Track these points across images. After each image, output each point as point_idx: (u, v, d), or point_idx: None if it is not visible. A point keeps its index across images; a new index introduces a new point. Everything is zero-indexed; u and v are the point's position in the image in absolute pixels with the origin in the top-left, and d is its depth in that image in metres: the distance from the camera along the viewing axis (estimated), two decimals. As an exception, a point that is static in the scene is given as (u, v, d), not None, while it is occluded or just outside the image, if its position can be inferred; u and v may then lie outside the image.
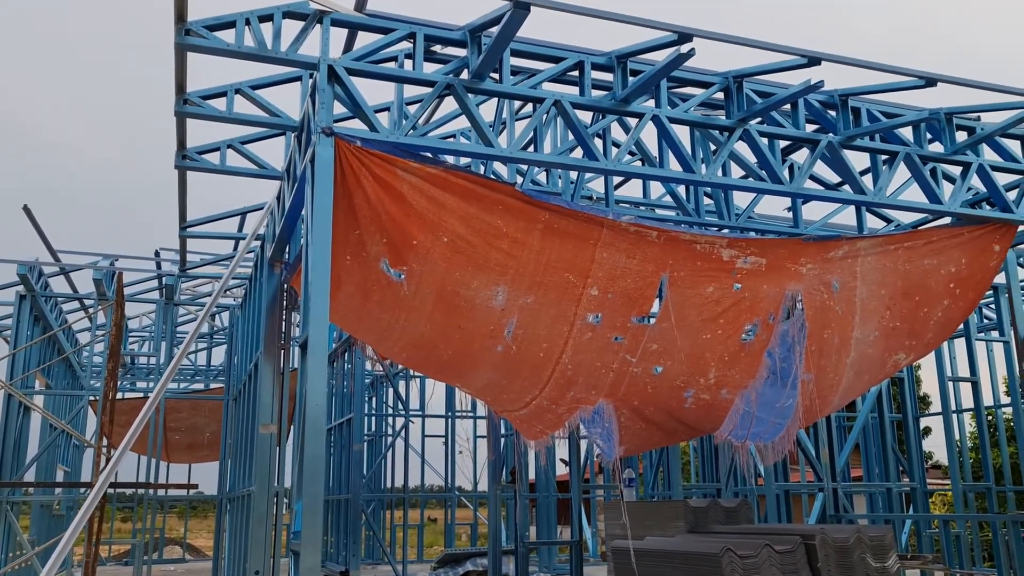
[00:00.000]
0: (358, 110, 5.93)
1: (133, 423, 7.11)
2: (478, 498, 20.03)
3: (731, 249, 6.79)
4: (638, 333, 6.78)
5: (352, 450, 15.21)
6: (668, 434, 7.98)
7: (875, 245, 7.31)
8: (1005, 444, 13.80)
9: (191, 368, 17.93)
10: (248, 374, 9.77)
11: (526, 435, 7.87)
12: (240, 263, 10.88)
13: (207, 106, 6.59)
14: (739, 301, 6.94)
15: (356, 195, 5.78)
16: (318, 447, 5.11)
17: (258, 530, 7.78)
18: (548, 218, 6.15)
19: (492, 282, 6.21)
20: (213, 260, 11.45)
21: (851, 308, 7.34)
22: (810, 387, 7.40)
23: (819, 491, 10.50)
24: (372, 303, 6.55)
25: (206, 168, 7.56)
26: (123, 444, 7.10)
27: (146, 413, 7.29)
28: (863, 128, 7.26)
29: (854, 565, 5.99)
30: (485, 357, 6.73)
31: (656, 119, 6.62)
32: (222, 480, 12.34)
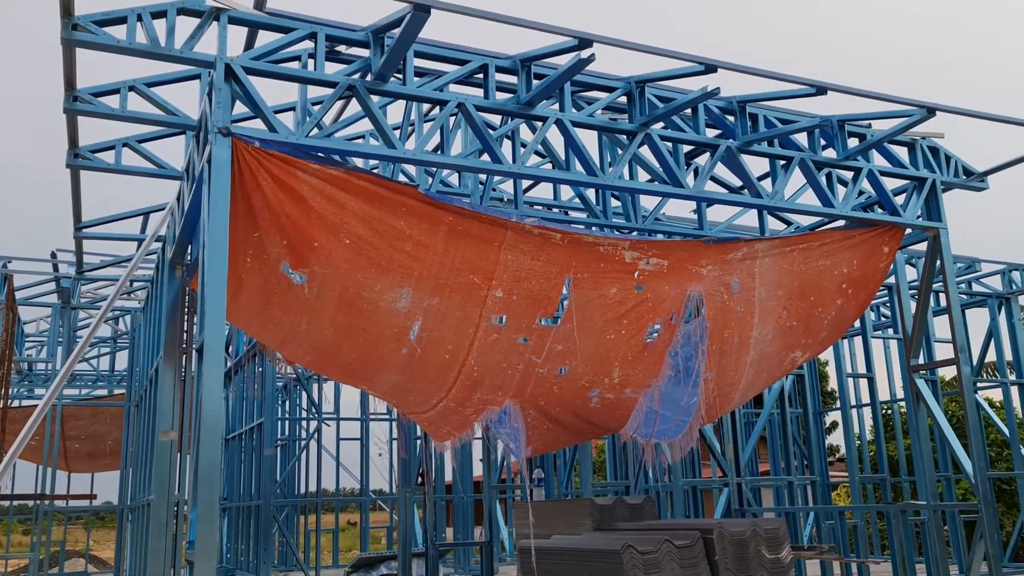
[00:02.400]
0: (257, 110, 5.82)
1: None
2: (394, 501, 19.91)
3: (634, 251, 6.91)
4: (543, 334, 6.85)
5: (263, 455, 14.93)
6: (575, 434, 8.09)
7: (772, 247, 7.55)
8: (901, 437, 14.44)
9: (93, 374, 17.29)
10: (149, 379, 9.49)
11: (434, 437, 7.86)
12: (142, 265, 10.59)
13: (99, 103, 6.37)
14: (642, 302, 7.07)
15: (255, 196, 5.67)
16: (214, 454, 5.00)
17: (157, 540, 7.56)
18: (452, 220, 6.15)
19: (396, 284, 6.18)
20: (113, 262, 11.07)
21: (750, 308, 7.57)
22: (712, 385, 7.60)
23: (724, 486, 10.78)
24: (274, 306, 6.44)
25: (100, 167, 7.31)
26: (10, 452, 6.82)
27: (35, 420, 7.01)
28: (760, 134, 7.49)
29: (750, 557, 6.17)
30: (390, 359, 6.70)
31: (560, 123, 6.70)
32: (123, 489, 11.94)
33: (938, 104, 7.45)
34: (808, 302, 7.91)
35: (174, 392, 8.06)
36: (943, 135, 8.44)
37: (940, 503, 8.20)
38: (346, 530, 32.65)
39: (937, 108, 7.44)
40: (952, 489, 13.09)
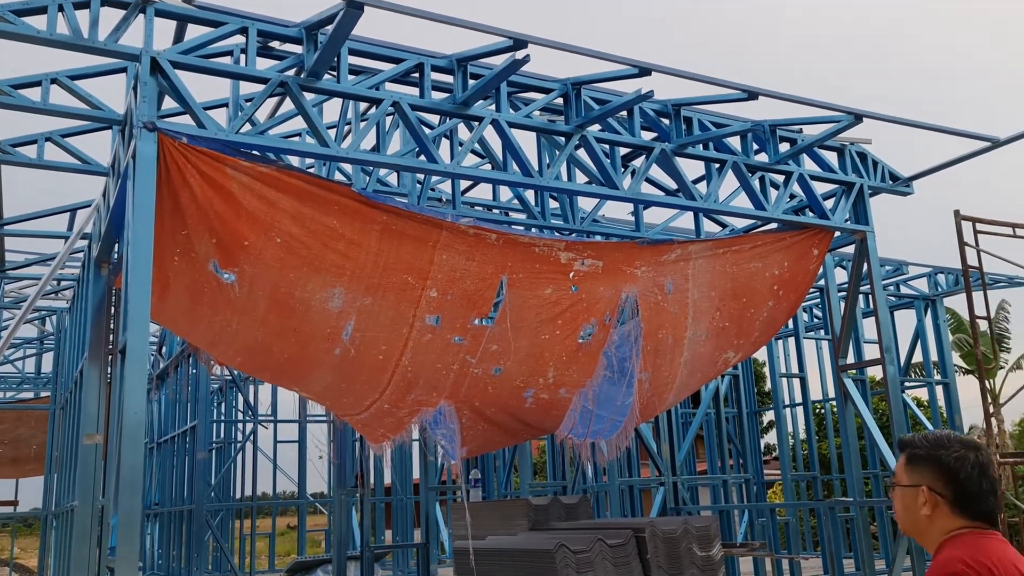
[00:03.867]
0: (185, 105, 5.69)
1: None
2: (332, 503, 19.69)
3: (569, 252, 6.94)
4: (478, 334, 6.84)
5: (196, 459, 14.62)
6: (510, 434, 8.09)
7: (705, 249, 7.65)
8: (832, 435, 14.81)
9: (18, 376, 16.72)
10: (75, 381, 9.21)
11: (369, 439, 7.79)
12: (68, 264, 10.28)
13: (19, 96, 6.16)
14: (577, 302, 7.11)
15: (182, 193, 5.54)
16: (136, 458, 4.86)
17: (81, 546, 7.34)
18: (386, 219, 6.09)
19: (328, 284, 6.10)
20: (37, 260, 10.72)
21: (684, 309, 7.66)
22: (646, 385, 7.68)
23: (660, 485, 10.90)
24: (203, 306, 6.30)
25: (21, 162, 7.07)
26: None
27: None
28: (694, 137, 7.60)
29: (681, 555, 6.25)
30: (322, 360, 6.61)
31: (496, 123, 6.69)
32: (47, 495, 11.57)
33: (864, 111, 7.64)
34: (740, 303, 8.04)
35: (99, 394, 7.83)
36: (870, 141, 8.67)
37: (867, 499, 8.41)
38: (285, 534, 32.20)
39: (863, 114, 7.63)
40: (880, 486, 13.46)
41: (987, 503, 2.27)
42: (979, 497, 2.26)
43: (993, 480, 2.29)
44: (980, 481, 2.26)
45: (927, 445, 2.35)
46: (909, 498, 2.34)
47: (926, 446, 2.35)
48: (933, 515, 2.29)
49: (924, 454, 2.34)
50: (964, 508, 2.26)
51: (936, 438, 2.36)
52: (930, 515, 2.30)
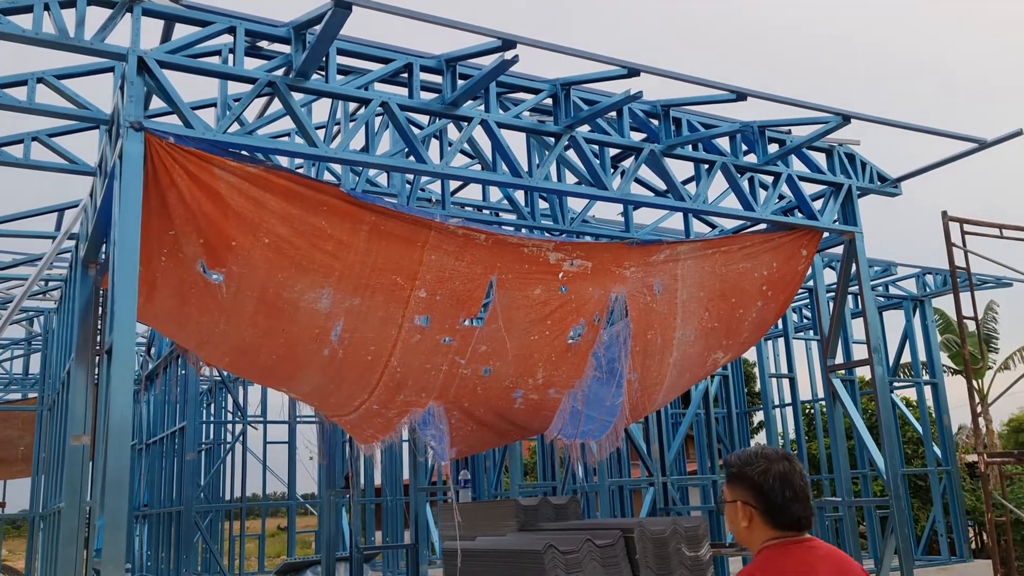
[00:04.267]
0: (172, 105, 5.67)
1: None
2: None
3: (558, 252, 6.94)
4: (467, 335, 6.83)
5: (185, 460, 14.57)
6: (499, 435, 8.09)
7: (694, 249, 7.67)
8: (822, 435, 14.85)
9: (5, 377, 16.62)
10: (62, 382, 9.16)
11: (358, 440, 7.76)
12: (56, 264, 10.22)
13: (5, 95, 6.12)
14: (566, 303, 7.11)
15: (169, 193, 5.52)
16: (122, 459, 4.84)
17: (67, 549, 7.29)
18: (374, 220, 6.08)
19: (317, 284, 6.08)
20: (24, 260, 10.66)
21: (673, 310, 7.67)
22: (635, 386, 7.68)
23: (650, 485, 10.92)
24: (190, 307, 6.28)
25: (7, 162, 7.03)
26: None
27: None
28: (683, 138, 7.61)
29: (670, 555, 6.25)
30: (311, 361, 6.59)
31: (485, 123, 6.69)
32: (34, 497, 11.51)
33: (853, 112, 7.67)
34: (729, 304, 8.06)
35: (87, 395, 7.79)
36: (859, 142, 8.71)
37: (855, 499, 8.44)
38: (275, 535, 32.12)
39: (852, 116, 7.66)
40: (869, 485, 13.51)
41: (791, 512, 2.41)
42: (783, 507, 2.41)
43: (797, 488, 2.43)
44: (783, 491, 2.41)
45: (739, 463, 2.53)
46: (731, 513, 2.53)
47: (738, 464, 2.53)
48: (751, 526, 2.47)
49: (737, 472, 2.52)
50: (773, 518, 2.42)
51: (746, 455, 2.53)
52: (748, 526, 2.47)
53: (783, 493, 2.41)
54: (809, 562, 2.35)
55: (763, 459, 2.48)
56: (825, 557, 2.39)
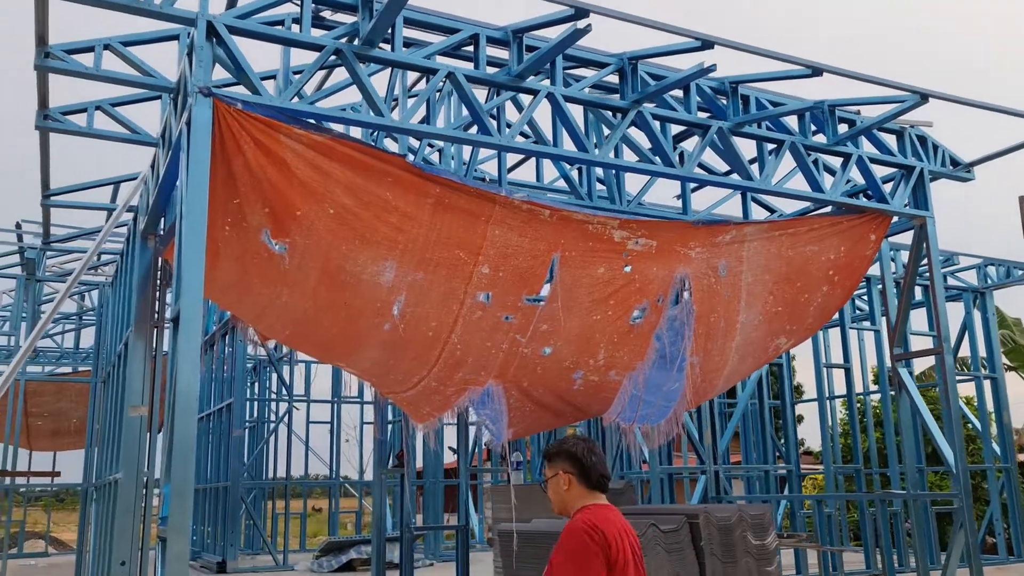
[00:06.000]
0: (240, 72, 5.59)
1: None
2: (363, 486, 19.69)
3: (622, 230, 6.77)
4: (528, 313, 6.69)
5: (231, 436, 14.67)
6: (556, 416, 7.95)
7: (761, 231, 7.45)
8: (872, 429, 14.51)
9: (57, 350, 16.84)
10: (118, 354, 9.19)
11: (414, 418, 7.68)
12: (110, 237, 10.23)
13: (72, 61, 6.09)
14: (629, 282, 6.94)
15: (236, 161, 5.44)
16: (189, 427, 4.78)
17: (124, 519, 7.31)
18: (439, 192, 5.96)
19: (380, 257, 5.99)
20: (80, 233, 10.72)
21: (737, 292, 7.47)
22: (696, 370, 7.50)
23: (701, 474, 10.73)
24: (252, 277, 6.22)
25: (71, 130, 7.01)
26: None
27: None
28: (752, 115, 7.38)
29: (735, 543, 6.08)
30: (371, 335, 6.50)
31: (551, 97, 6.53)
32: (88, 468, 11.62)
33: (931, 91, 7.38)
34: (795, 287, 7.83)
35: (144, 366, 7.80)
36: (931, 124, 8.39)
37: (921, 493, 8.17)
38: (311, 516, 32.40)
39: (930, 95, 7.37)
40: (924, 480, 13.17)
41: (598, 470, 3.23)
42: (592, 468, 3.22)
43: (598, 455, 3.27)
44: (590, 456, 3.24)
45: (556, 445, 3.37)
46: (555, 484, 3.28)
47: (556, 446, 3.37)
48: (570, 489, 3.24)
49: (556, 450, 3.35)
50: (586, 478, 3.22)
51: (562, 440, 3.40)
52: (568, 489, 3.24)
53: (590, 458, 3.23)
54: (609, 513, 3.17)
55: (572, 439, 3.36)
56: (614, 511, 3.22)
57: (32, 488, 18.72)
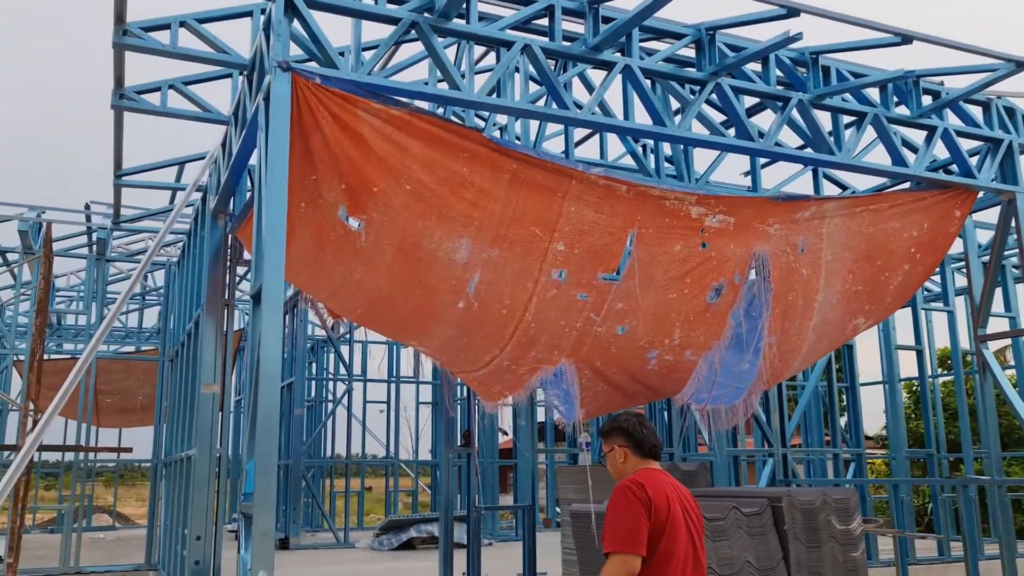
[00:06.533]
0: (318, 46, 5.53)
1: (61, 385, 6.65)
2: (420, 465, 19.81)
3: (700, 207, 6.59)
4: (603, 291, 6.56)
5: (292, 415, 14.83)
6: (628, 396, 7.82)
7: (841, 207, 7.21)
8: (940, 413, 14.10)
9: (121, 330, 17.19)
10: (187, 333, 9.29)
11: (484, 397, 7.62)
12: (178, 218, 10.32)
13: (149, 38, 6.10)
14: (706, 260, 6.77)
15: (313, 136, 5.39)
16: (272, 402, 4.77)
17: (200, 495, 7.39)
18: (515, 168, 5.85)
19: (456, 234, 5.90)
20: (145, 214, 10.85)
21: (816, 270, 7.25)
22: (773, 350, 7.30)
23: (768, 457, 10.52)
24: (327, 255, 6.18)
25: (145, 109, 7.05)
26: (53, 404, 6.63)
27: (78, 373, 6.83)
28: (833, 87, 7.13)
29: (820, 527, 5.91)
30: (446, 313, 6.43)
31: (628, 69, 6.36)
32: (157, 444, 11.83)
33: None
34: (875, 266, 7.58)
35: (216, 344, 7.86)
36: (1023, 95, 8.03)
37: (1007, 478, 7.89)
38: (366, 494, 32.76)
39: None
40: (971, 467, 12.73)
41: (649, 442, 3.49)
42: (644, 440, 3.49)
43: (648, 427, 3.54)
44: (641, 430, 3.51)
45: (609, 422, 3.62)
46: (612, 458, 3.56)
47: (609, 423, 3.62)
48: (626, 461, 3.51)
49: (610, 427, 3.60)
50: (639, 449, 3.49)
51: (614, 417, 3.63)
52: (624, 461, 3.51)
53: (641, 431, 3.50)
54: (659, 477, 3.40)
55: (624, 415, 3.62)
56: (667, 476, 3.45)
57: (100, 463, 19.18)
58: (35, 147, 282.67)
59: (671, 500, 3.29)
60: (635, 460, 3.46)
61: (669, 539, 3.23)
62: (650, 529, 3.20)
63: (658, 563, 3.21)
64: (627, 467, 3.47)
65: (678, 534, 3.26)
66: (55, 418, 6.89)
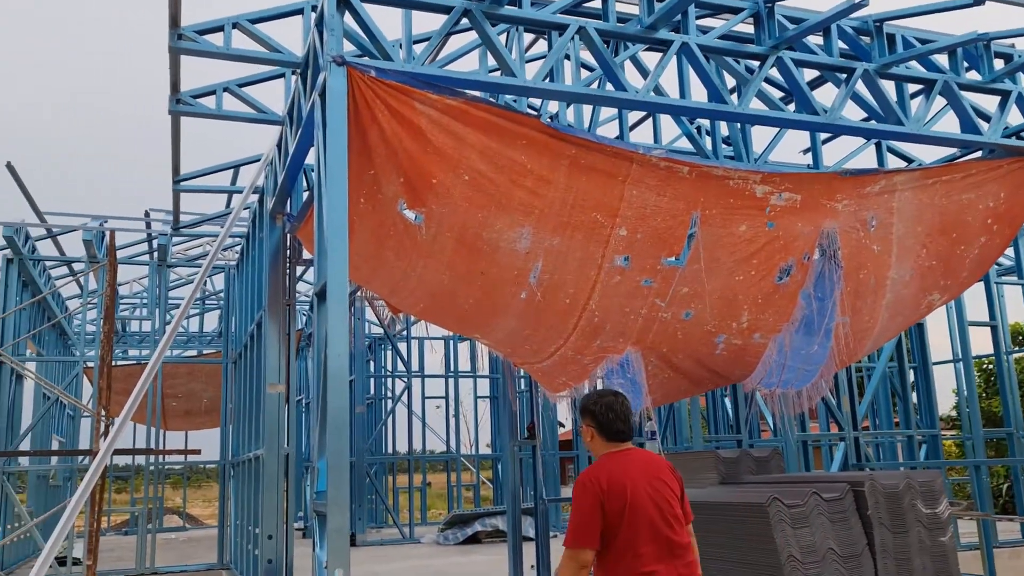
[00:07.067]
0: (372, 39, 5.49)
1: (129, 391, 6.75)
2: (482, 459, 19.83)
3: (765, 185, 6.39)
4: (668, 275, 6.41)
5: (354, 413, 14.92)
6: (695, 383, 7.66)
7: (912, 179, 6.93)
8: (1016, 391, 13.60)
9: (184, 334, 17.50)
10: (250, 334, 9.38)
11: (548, 388, 7.53)
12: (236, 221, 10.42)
13: (203, 41, 6.12)
14: (773, 240, 6.57)
15: (370, 131, 5.35)
16: (341, 399, 4.74)
17: (270, 494, 7.45)
18: (575, 153, 5.73)
19: (516, 223, 5.81)
20: (204, 219, 10.97)
21: (887, 246, 6.99)
22: (845, 330, 7.07)
23: (840, 440, 10.25)
24: (387, 250, 6.15)
25: (202, 113, 7.09)
26: (125, 410, 6.72)
27: (147, 378, 6.91)
28: (899, 55, 6.86)
29: (904, 511, 5.70)
30: (508, 305, 6.35)
31: (685, 47, 6.20)
32: (224, 446, 11.99)
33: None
34: (949, 239, 7.29)
35: (279, 345, 7.90)
36: (1101, 53, 7.63)
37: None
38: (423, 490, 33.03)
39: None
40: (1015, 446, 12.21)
41: (614, 427, 3.49)
42: (609, 423, 3.49)
43: (619, 411, 3.51)
44: (608, 414, 3.50)
45: (584, 400, 3.68)
46: (584, 434, 3.60)
47: (584, 401, 3.67)
48: (594, 440, 3.54)
49: (582, 406, 3.65)
50: (604, 432, 3.50)
51: (588, 395, 3.69)
52: (591, 441, 3.56)
53: (608, 415, 3.50)
54: (624, 461, 3.41)
55: (597, 395, 3.63)
56: (636, 457, 3.46)
57: (168, 466, 19.60)
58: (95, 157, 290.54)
59: (634, 484, 3.32)
60: (600, 441, 3.51)
61: (629, 524, 3.27)
62: (607, 518, 3.27)
63: (622, 549, 3.28)
64: (595, 447, 3.55)
65: (638, 518, 3.28)
66: (126, 423, 6.99)
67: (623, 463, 3.38)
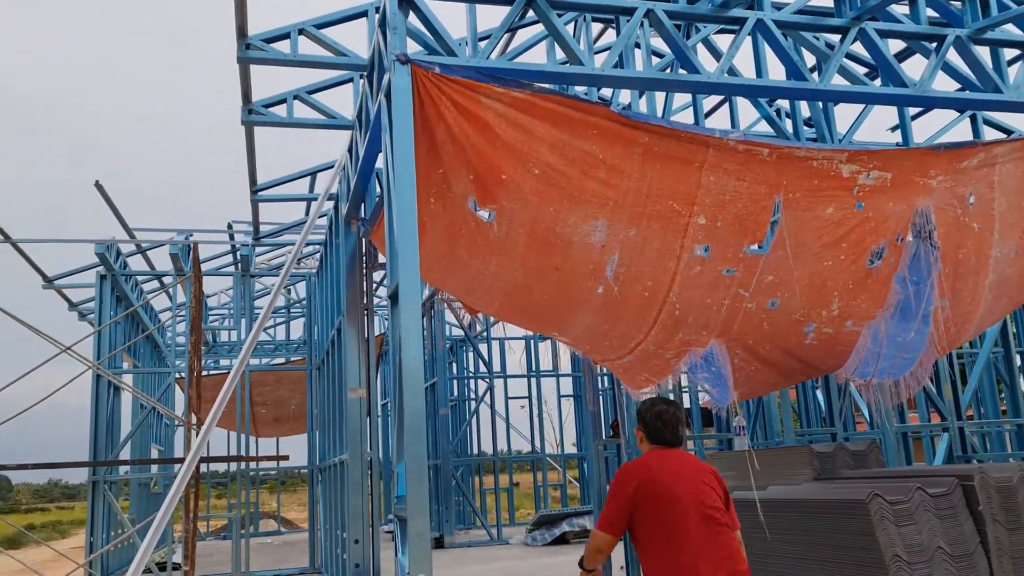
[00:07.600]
0: (435, 36, 5.42)
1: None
2: (568, 458, 19.68)
3: (852, 164, 6.05)
4: (751, 264, 6.14)
5: (438, 415, 14.96)
6: (784, 375, 7.34)
7: (1014, 150, 6.48)
8: None
9: (271, 343, 17.88)
10: (331, 341, 9.46)
11: (630, 385, 7.32)
12: (314, 228, 10.52)
13: (271, 50, 6.16)
14: (863, 222, 6.22)
15: (437, 129, 5.27)
16: (418, 402, 4.67)
17: (355, 499, 7.47)
18: (647, 141, 5.52)
19: (590, 216, 5.64)
20: (281, 228, 11.13)
21: (989, 223, 6.56)
22: (945, 314, 6.66)
23: (943, 431, 9.71)
24: (460, 249, 6.06)
25: (273, 122, 7.16)
26: (209, 416, 6.82)
27: (230, 385, 7.00)
28: (994, 18, 6.43)
29: (1020, 506, 5.31)
30: (584, 300, 6.19)
31: (760, 24, 5.93)
32: (311, 451, 12.16)
33: None
34: (1058, 213, 6.79)
35: (359, 349, 7.92)
36: None
37: None
38: (507, 491, 33.10)
39: None
40: None
41: (661, 435, 3.77)
42: (656, 431, 3.78)
43: (668, 421, 3.77)
44: (656, 422, 3.79)
45: (639, 406, 3.96)
46: (637, 437, 3.89)
47: (639, 406, 3.95)
48: (642, 444, 3.85)
49: (637, 411, 3.94)
50: (651, 438, 3.81)
51: (643, 401, 3.99)
52: (640, 444, 3.87)
53: (656, 423, 3.78)
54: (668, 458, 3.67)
55: (650, 403, 3.91)
56: (680, 457, 3.71)
57: (263, 472, 20.10)
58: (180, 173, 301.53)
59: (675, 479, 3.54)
60: (647, 446, 3.81)
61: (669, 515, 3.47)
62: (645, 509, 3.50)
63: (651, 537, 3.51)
64: (643, 449, 3.84)
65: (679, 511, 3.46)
66: (215, 431, 7.10)
67: (666, 460, 3.65)
